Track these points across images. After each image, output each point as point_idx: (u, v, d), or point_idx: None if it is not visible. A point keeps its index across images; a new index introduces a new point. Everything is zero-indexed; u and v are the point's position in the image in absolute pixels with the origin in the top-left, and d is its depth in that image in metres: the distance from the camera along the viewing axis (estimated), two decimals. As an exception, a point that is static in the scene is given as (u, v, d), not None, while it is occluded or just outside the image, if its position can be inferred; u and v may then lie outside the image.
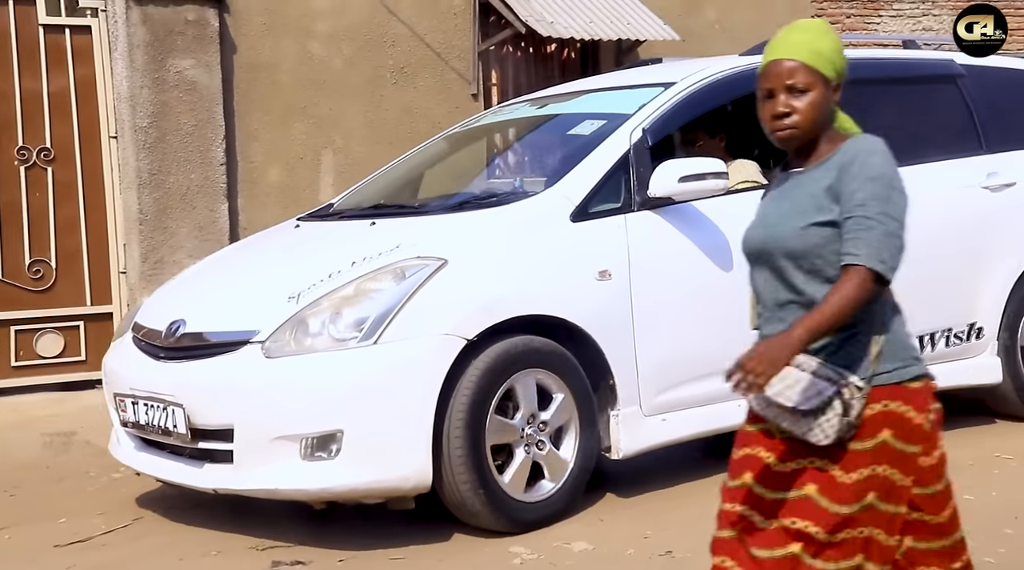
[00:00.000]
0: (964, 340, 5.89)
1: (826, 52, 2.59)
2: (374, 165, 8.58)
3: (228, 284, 5.24)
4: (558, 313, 4.67)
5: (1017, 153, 6.25)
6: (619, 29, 8.71)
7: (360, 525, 4.67)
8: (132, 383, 4.88)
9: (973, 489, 4.75)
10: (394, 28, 8.59)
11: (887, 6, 12.79)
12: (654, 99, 5.32)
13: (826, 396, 2.44)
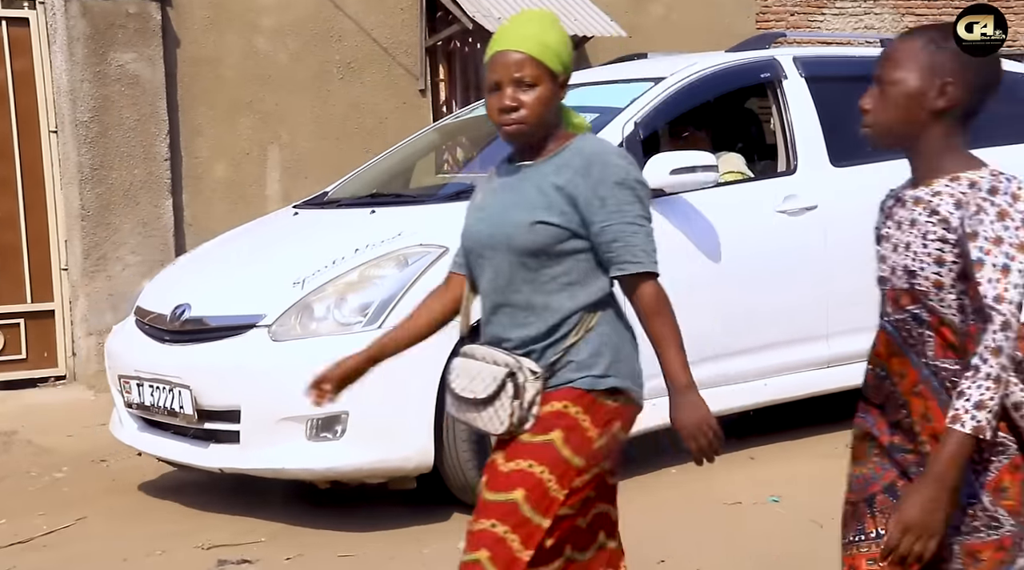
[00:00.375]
0: None
1: (553, 45, 2.45)
2: (321, 160, 8.54)
3: (231, 270, 5.28)
4: None
5: (991, 150, 6.10)
6: (567, 25, 8.66)
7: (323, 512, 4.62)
8: (137, 365, 4.95)
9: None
10: (340, 23, 8.53)
11: (830, 4, 12.89)
12: (645, 94, 5.44)
13: (500, 380, 2.39)
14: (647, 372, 2.67)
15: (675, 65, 5.84)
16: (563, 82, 2.49)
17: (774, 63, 5.88)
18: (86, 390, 7.32)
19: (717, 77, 5.77)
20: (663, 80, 5.55)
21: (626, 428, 2.53)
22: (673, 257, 4.64)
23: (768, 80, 5.86)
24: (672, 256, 4.71)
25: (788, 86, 5.82)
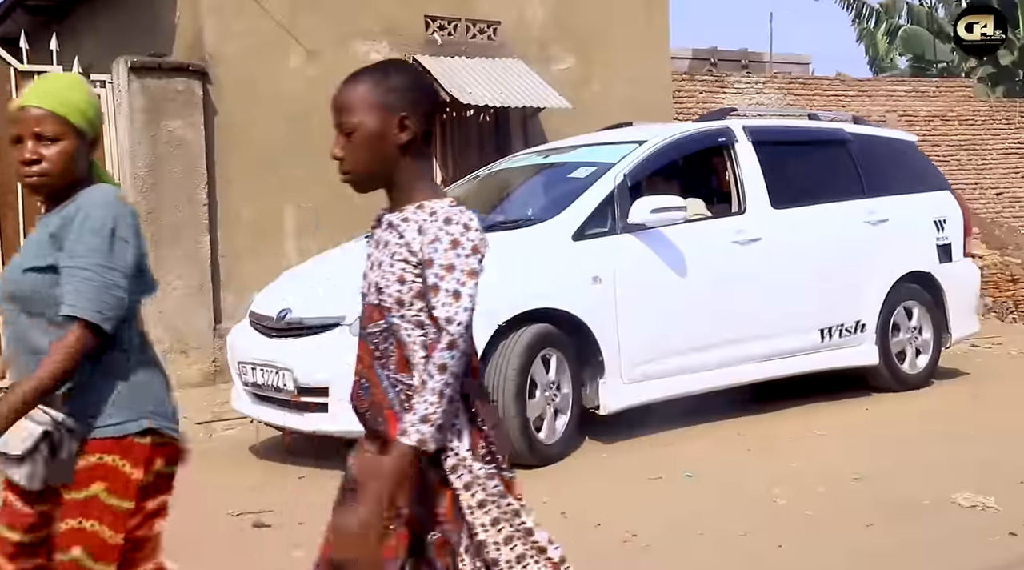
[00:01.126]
0: (852, 333, 6.29)
1: (76, 103, 2.13)
2: (328, 207, 8.50)
3: (320, 282, 5.48)
4: (563, 307, 5.12)
5: (887, 198, 6.65)
6: (524, 98, 8.74)
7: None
8: (253, 354, 5.26)
9: (797, 458, 4.85)
10: (345, 97, 8.52)
11: (730, 86, 13.02)
12: (632, 152, 5.77)
13: (36, 437, 2.00)
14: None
15: (653, 131, 6.21)
16: (92, 140, 2.17)
17: (729, 130, 6.19)
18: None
19: (686, 140, 6.15)
20: (645, 142, 5.88)
21: (171, 463, 2.18)
22: (652, 273, 5.50)
23: (724, 143, 6.16)
24: (652, 272, 5.50)
25: (739, 148, 6.12)
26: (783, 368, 6.01)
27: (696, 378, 5.62)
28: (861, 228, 6.43)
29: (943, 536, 3.59)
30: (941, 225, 6.81)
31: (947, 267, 6.77)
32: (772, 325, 5.92)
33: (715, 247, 5.80)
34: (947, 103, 14.05)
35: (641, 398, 5.39)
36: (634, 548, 3.59)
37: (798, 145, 6.66)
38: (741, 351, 5.79)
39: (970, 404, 6.22)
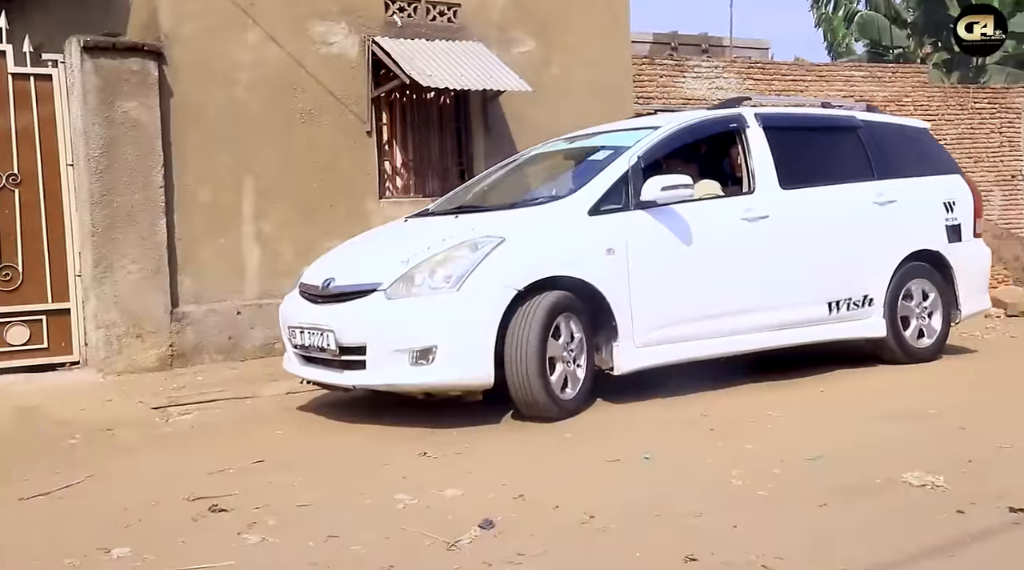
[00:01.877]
0: (860, 306, 6.72)
1: None
2: (287, 188, 8.44)
3: (361, 255, 6.15)
4: (581, 276, 5.58)
5: (896, 180, 7.05)
6: (484, 81, 8.70)
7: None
8: (300, 319, 5.83)
9: (751, 439, 4.90)
10: (303, 78, 8.45)
11: (690, 70, 13.06)
12: (646, 137, 6.24)
13: None
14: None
15: (669, 118, 6.72)
16: None
17: (740, 117, 6.64)
18: (95, 373, 7.14)
19: (698, 126, 6.62)
20: (660, 128, 6.38)
21: None
22: (663, 245, 5.95)
23: (736, 129, 6.60)
24: (662, 245, 5.95)
25: (750, 133, 6.55)
26: (791, 337, 6.47)
27: (704, 344, 6.07)
28: (869, 208, 6.82)
29: (893, 514, 3.65)
30: (951, 207, 7.19)
31: (956, 246, 7.15)
32: (779, 296, 6.36)
33: (724, 223, 6.25)
34: (903, 88, 14.20)
35: (652, 361, 5.88)
36: (591, 530, 3.61)
37: (808, 130, 7.06)
38: (748, 320, 6.21)
39: (946, 382, 6.39)
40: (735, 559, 3.24)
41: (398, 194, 9.22)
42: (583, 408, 5.60)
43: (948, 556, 3.21)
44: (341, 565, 3.35)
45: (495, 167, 7.48)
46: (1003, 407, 5.59)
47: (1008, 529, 3.44)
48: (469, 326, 5.29)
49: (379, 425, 5.63)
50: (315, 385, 6.03)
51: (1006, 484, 3.93)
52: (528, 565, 3.28)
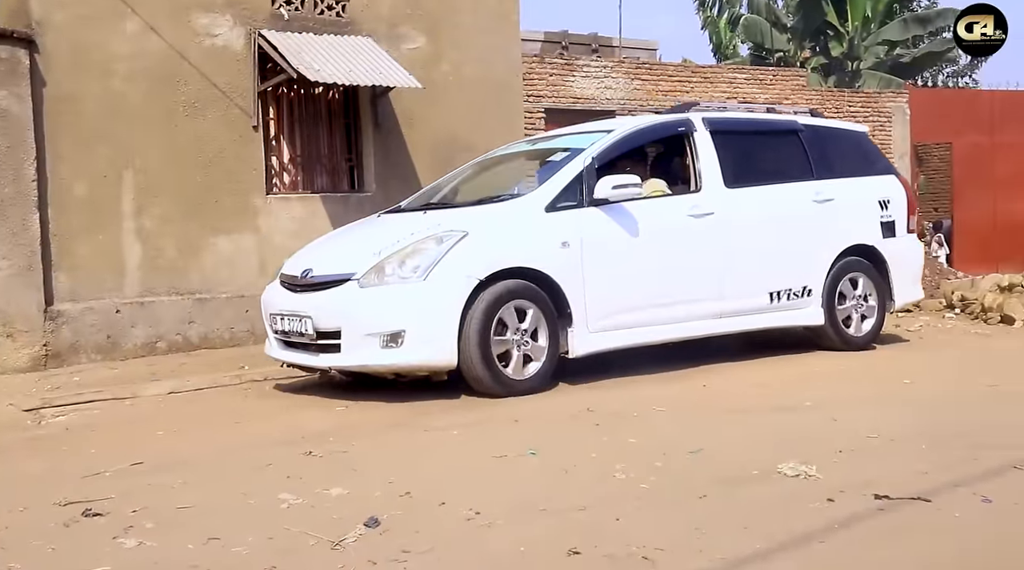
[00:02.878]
0: (800, 296, 7.25)
1: None
2: (169, 183, 8.22)
3: (337, 247, 6.63)
4: (537, 267, 6.07)
5: (834, 180, 7.58)
6: (373, 77, 8.64)
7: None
8: (281, 306, 6.32)
9: (636, 434, 4.99)
10: (185, 69, 8.24)
11: (579, 69, 13.23)
12: (600, 140, 6.70)
13: None
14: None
15: (622, 122, 7.28)
16: None
17: (688, 121, 7.10)
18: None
19: (648, 130, 7.14)
20: (613, 131, 6.86)
21: None
22: (614, 239, 6.41)
23: (684, 132, 7.05)
24: (613, 239, 6.41)
25: (697, 136, 7.01)
26: (734, 325, 6.99)
27: (652, 330, 6.57)
28: (808, 206, 7.35)
29: (768, 504, 3.77)
30: (885, 205, 7.73)
31: (890, 241, 7.69)
32: (723, 287, 6.84)
33: (672, 219, 6.73)
34: (783, 91, 14.68)
35: (604, 345, 6.36)
36: (476, 526, 3.63)
37: (752, 134, 7.54)
38: (694, 309, 6.72)
39: (835, 373, 6.66)
40: (617, 551, 3.30)
41: (286, 190, 9.09)
42: (541, 389, 6.07)
43: (818, 542, 3.34)
44: (222, 567, 3.29)
45: (463, 167, 8.00)
46: (881, 400, 5.84)
47: (873, 515, 3.59)
48: (435, 312, 5.78)
49: (266, 425, 5.54)
50: (294, 367, 6.49)
51: (872, 472, 4.10)
52: (413, 562, 3.28)
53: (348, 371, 6.17)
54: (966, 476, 4.03)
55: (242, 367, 7.33)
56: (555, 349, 6.12)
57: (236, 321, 8.52)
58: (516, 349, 5.99)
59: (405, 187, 9.51)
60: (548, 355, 6.08)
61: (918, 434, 4.79)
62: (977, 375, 6.52)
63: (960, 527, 3.46)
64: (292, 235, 8.90)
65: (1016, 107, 16.03)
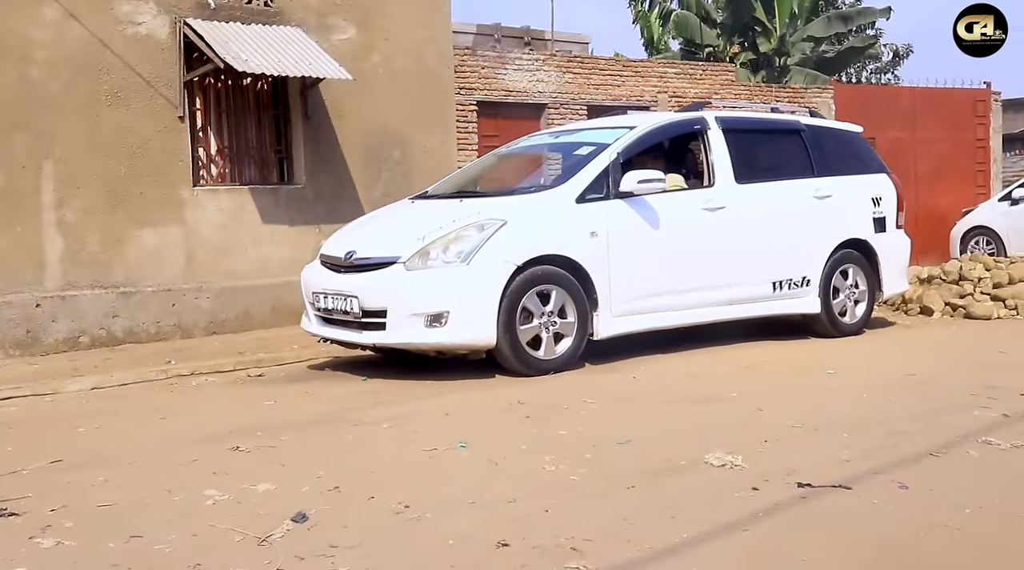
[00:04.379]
0: (800, 286, 7.71)
1: None
2: (92, 174, 8.02)
3: (377, 231, 6.93)
4: (568, 254, 6.48)
5: (833, 178, 8.00)
6: (303, 68, 8.53)
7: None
8: (324, 285, 6.67)
9: (565, 426, 5.01)
10: (107, 58, 8.04)
11: (511, 62, 13.22)
12: (624, 136, 7.10)
13: None
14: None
15: (642, 119, 7.60)
16: None
17: (703, 119, 7.50)
18: None
19: (668, 127, 7.54)
20: (635, 127, 7.23)
21: None
22: (637, 230, 6.83)
23: (699, 130, 7.45)
24: (636, 229, 6.83)
25: (711, 134, 7.41)
26: (740, 312, 7.44)
27: (668, 316, 7.02)
28: (809, 202, 7.80)
29: (695, 493, 3.82)
30: (877, 202, 8.18)
31: (881, 236, 8.16)
32: (732, 276, 7.29)
33: (688, 212, 7.14)
34: (712, 86, 14.85)
35: (625, 329, 6.77)
36: (405, 519, 3.61)
37: (760, 133, 8.00)
38: (706, 296, 7.16)
39: (767, 364, 6.73)
40: (546, 543, 3.31)
41: (214, 182, 8.94)
42: (567, 367, 6.47)
43: (743, 530, 3.39)
44: (144, 566, 3.22)
45: (484, 157, 8.31)
46: (805, 390, 5.95)
47: (796, 503, 3.66)
48: (476, 295, 6.14)
49: (192, 421, 5.45)
50: (334, 343, 6.85)
51: (796, 461, 4.18)
52: (341, 557, 3.25)
53: (392, 348, 6.54)
54: (885, 463, 4.13)
55: (169, 362, 7.19)
56: (583, 331, 6.50)
57: (163, 315, 8.36)
58: (545, 331, 6.37)
59: (336, 179, 9.42)
60: (576, 336, 6.48)
61: (840, 423, 4.89)
62: (896, 364, 6.69)
63: (878, 513, 3.54)
64: (220, 228, 8.76)
65: (936, 103, 16.45)
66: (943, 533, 3.32)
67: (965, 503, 3.59)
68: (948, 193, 15.54)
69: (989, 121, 17.17)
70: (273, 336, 8.38)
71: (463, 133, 12.22)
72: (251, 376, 6.87)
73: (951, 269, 9.63)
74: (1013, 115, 23.58)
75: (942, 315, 9.14)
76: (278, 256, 9.06)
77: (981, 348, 7.39)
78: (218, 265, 8.73)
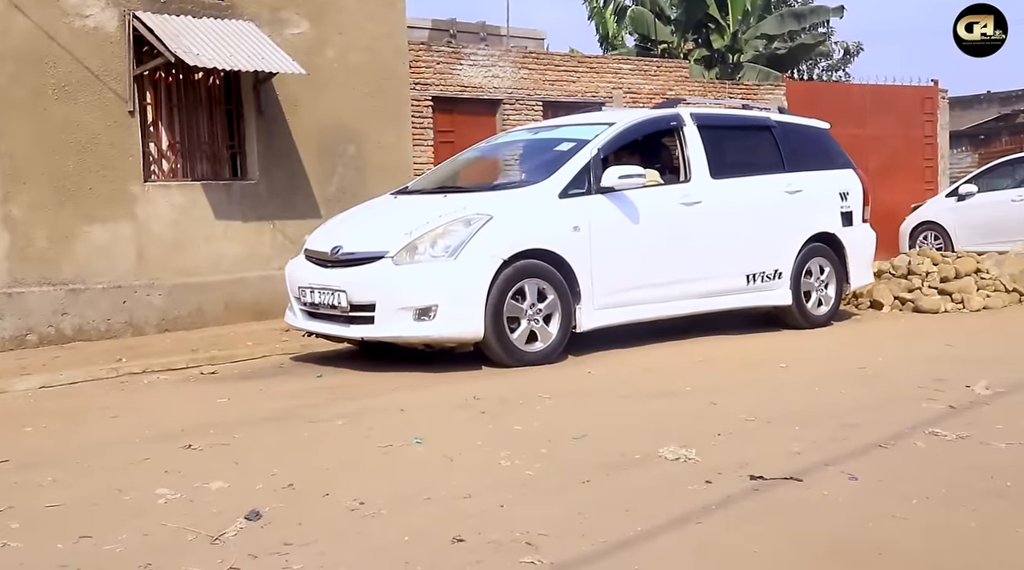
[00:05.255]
0: (772, 279, 7.91)
1: None
2: (39, 169, 7.87)
3: (362, 226, 6.96)
4: (552, 248, 6.61)
5: (803, 173, 8.22)
6: (255, 62, 8.45)
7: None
8: (310, 280, 6.72)
9: (521, 421, 5.02)
10: (54, 51, 7.90)
11: (467, 58, 13.19)
12: (604, 132, 7.24)
13: None
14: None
15: (620, 115, 7.78)
16: None
17: (679, 116, 7.68)
18: None
19: (646, 123, 7.62)
20: (615, 124, 7.36)
21: None
22: (617, 224, 6.94)
23: (675, 126, 7.62)
24: (617, 224, 6.95)
25: (686, 130, 7.59)
26: (715, 304, 7.62)
27: (647, 308, 7.17)
28: (781, 196, 8.00)
29: (650, 487, 3.85)
30: (845, 196, 8.43)
31: (848, 230, 8.40)
32: (709, 269, 7.46)
33: (666, 207, 7.29)
34: (666, 82, 14.94)
35: (607, 321, 6.91)
36: (360, 516, 3.59)
37: (733, 129, 8.16)
38: (684, 289, 7.33)
39: (721, 357, 6.78)
40: (501, 538, 3.31)
41: (165, 177, 8.83)
42: (552, 360, 6.60)
43: (696, 523, 3.42)
44: (93, 566, 3.17)
45: (463, 152, 8.49)
46: (758, 383, 6.01)
47: (748, 495, 3.70)
48: (464, 289, 6.24)
49: (143, 419, 5.38)
50: (320, 337, 6.91)
51: (749, 454, 4.23)
52: (295, 555, 3.23)
53: (380, 341, 6.57)
54: (835, 455, 4.19)
55: (120, 360, 7.09)
56: (567, 324, 6.62)
57: (113, 312, 8.24)
58: (530, 324, 6.51)
59: (290, 175, 9.35)
60: (560, 329, 6.60)
61: (792, 416, 4.95)
62: (847, 358, 6.79)
63: (829, 504, 3.59)
64: (172, 223, 8.65)
65: (885, 101, 16.70)
66: (891, 523, 3.38)
67: (912, 493, 3.65)
68: (898, 189, 15.77)
69: (937, 118, 17.48)
70: (227, 333, 8.30)
71: (418, 129, 12.17)
72: (204, 374, 6.79)
73: (900, 264, 9.79)
74: (960, 112, 24.04)
75: (891, 309, 9.29)
76: (232, 252, 8.97)
77: (929, 341, 7.52)
78: (170, 261, 8.62)
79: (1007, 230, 13.01)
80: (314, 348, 7.47)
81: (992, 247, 11.53)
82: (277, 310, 8.93)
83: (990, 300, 9.27)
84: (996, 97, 27.19)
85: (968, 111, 25.84)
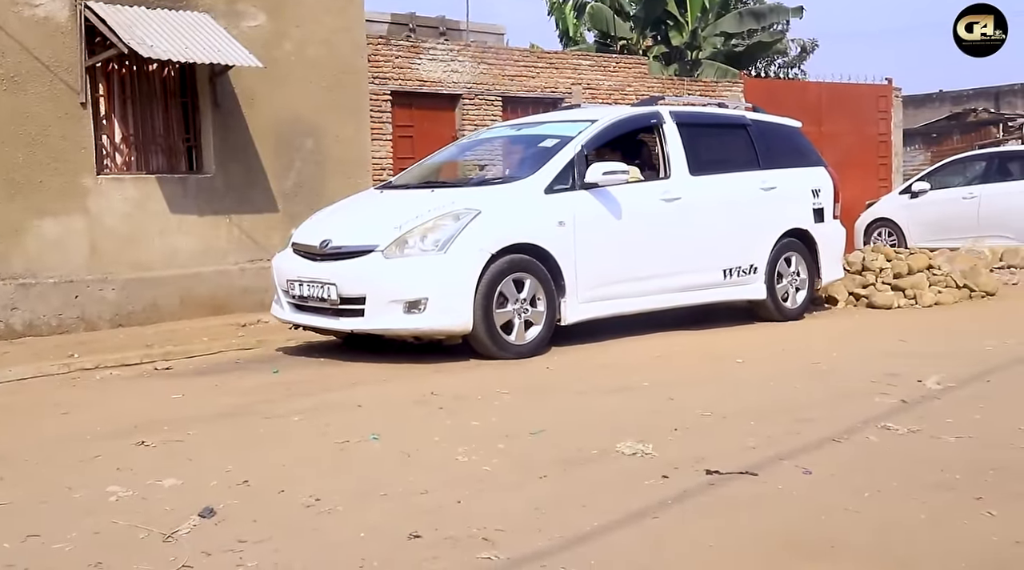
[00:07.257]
0: (747, 273, 8.10)
1: None
2: (-12, 161, 7.72)
3: (352, 220, 7.02)
4: (538, 243, 6.74)
5: (777, 170, 8.41)
6: (211, 55, 8.35)
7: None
8: (299, 273, 6.80)
9: (479, 417, 5.01)
10: (3, 41, 7.75)
11: (426, 53, 13.13)
12: (587, 129, 7.39)
13: None
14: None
15: (602, 112, 7.95)
16: None
17: (659, 114, 7.85)
18: None
19: (627, 120, 7.75)
20: (597, 121, 7.50)
21: None
22: (601, 220, 7.09)
23: (655, 124, 7.80)
24: (600, 219, 7.10)
25: (666, 128, 7.76)
26: (694, 298, 7.81)
27: (629, 302, 7.32)
28: (757, 193, 8.20)
29: (607, 482, 3.86)
30: (816, 193, 8.64)
31: (820, 226, 8.62)
32: (687, 264, 7.64)
33: (647, 203, 7.45)
34: (625, 78, 14.99)
35: (591, 314, 7.06)
36: (316, 512, 3.57)
37: (710, 127, 8.32)
38: (664, 283, 7.48)
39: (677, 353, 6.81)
40: (458, 533, 3.30)
41: (118, 170, 8.70)
42: (539, 352, 6.75)
43: (652, 517, 3.43)
44: (41, 566, 3.12)
45: (447, 147, 8.68)
46: (715, 379, 6.06)
47: (704, 490, 3.72)
48: (454, 282, 6.35)
49: (95, 415, 5.29)
50: (307, 330, 6.96)
51: (705, 449, 4.26)
52: (249, 552, 3.19)
53: (370, 333, 6.65)
54: (789, 450, 4.23)
55: (71, 355, 6.98)
56: (552, 317, 6.77)
57: (65, 307, 8.11)
58: (517, 317, 6.61)
59: (247, 169, 9.25)
60: (546, 322, 6.75)
61: (747, 411, 4.99)
62: (802, 353, 6.86)
63: (783, 498, 3.62)
64: (125, 217, 8.53)
65: (841, 98, 16.89)
66: (843, 516, 3.41)
67: (864, 487, 3.70)
68: (853, 186, 15.94)
69: (891, 116, 17.73)
70: (182, 328, 8.20)
71: (377, 123, 12.10)
72: (158, 369, 6.71)
73: (854, 260, 9.91)
74: (913, 111, 24.39)
75: (846, 305, 9.40)
76: (187, 246, 8.86)
77: (882, 337, 7.62)
78: (124, 255, 8.50)
79: (958, 227, 13.24)
80: (271, 343, 7.40)
81: (944, 244, 11.72)
82: (233, 305, 8.83)
83: (942, 296, 9.42)
84: (948, 96, 27.65)
85: (921, 110, 26.23)
